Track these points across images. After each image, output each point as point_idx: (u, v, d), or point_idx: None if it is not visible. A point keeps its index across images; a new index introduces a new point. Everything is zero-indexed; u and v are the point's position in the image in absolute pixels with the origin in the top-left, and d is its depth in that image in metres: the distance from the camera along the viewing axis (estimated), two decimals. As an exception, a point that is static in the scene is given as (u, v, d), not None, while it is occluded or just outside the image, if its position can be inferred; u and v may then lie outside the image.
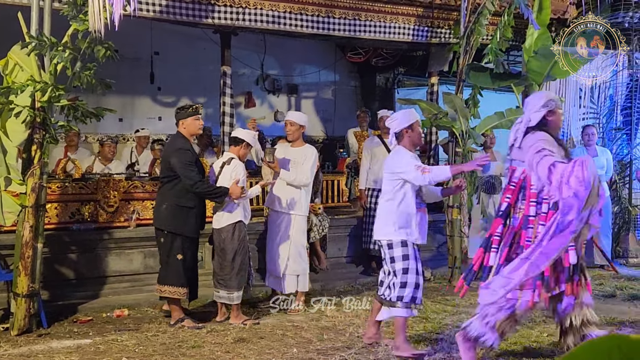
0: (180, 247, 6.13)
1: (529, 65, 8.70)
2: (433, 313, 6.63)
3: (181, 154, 6.08)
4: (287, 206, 6.75)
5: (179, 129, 6.28)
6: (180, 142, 6.19)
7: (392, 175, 5.13)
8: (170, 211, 6.12)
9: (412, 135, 5.22)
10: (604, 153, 8.98)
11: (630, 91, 9.83)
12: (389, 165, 5.18)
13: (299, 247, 6.84)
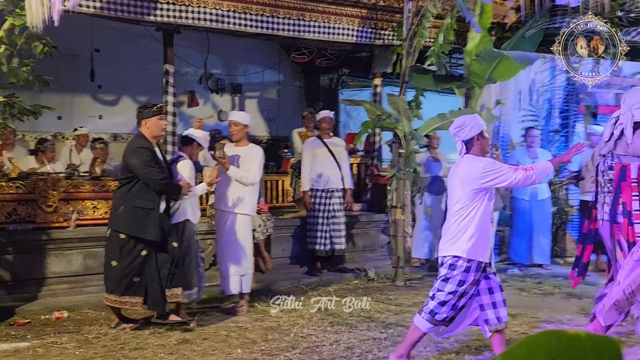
0: (135, 251, 5.92)
1: (471, 68, 8.86)
2: (377, 313, 6.68)
3: (140, 153, 5.85)
4: (233, 205, 6.72)
5: (140, 129, 6.03)
6: (140, 141, 5.94)
7: (473, 186, 4.61)
8: (128, 213, 5.87)
9: (483, 142, 4.79)
10: (544, 155, 9.21)
11: (567, 95, 10.11)
12: (468, 176, 4.64)
13: (244, 247, 6.81)
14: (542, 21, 10.22)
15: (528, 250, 9.16)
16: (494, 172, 4.55)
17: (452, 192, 4.80)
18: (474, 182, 4.58)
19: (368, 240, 9.42)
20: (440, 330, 4.88)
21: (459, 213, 4.65)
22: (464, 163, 4.71)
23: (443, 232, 4.84)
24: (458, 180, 4.69)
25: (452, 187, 4.81)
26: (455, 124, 4.80)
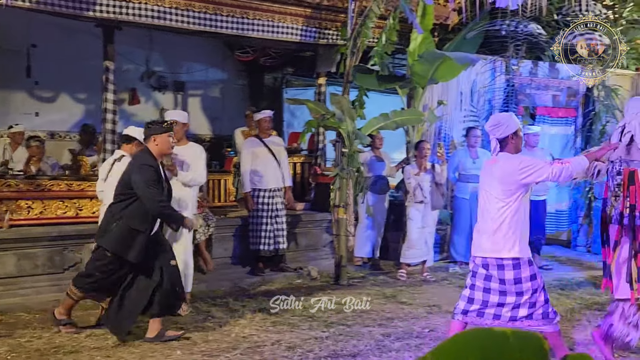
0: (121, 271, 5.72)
1: (413, 68, 8.96)
2: (319, 312, 6.68)
3: (145, 170, 5.54)
4: (176, 205, 6.64)
5: (148, 145, 5.72)
6: (146, 158, 5.63)
7: (513, 183, 4.67)
8: (119, 231, 5.58)
9: (517, 141, 4.86)
10: (484, 155, 9.35)
11: (507, 96, 10.30)
12: (507, 174, 4.69)
13: (185, 247, 6.73)
14: (483, 23, 10.41)
15: (468, 249, 9.26)
16: (531, 168, 4.64)
17: (488, 190, 4.82)
18: (513, 180, 4.65)
19: (311, 239, 9.42)
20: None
21: (501, 212, 4.70)
22: (501, 162, 4.76)
23: (482, 230, 4.86)
24: (497, 179, 4.74)
25: (488, 185, 4.83)
26: (491, 123, 4.89)
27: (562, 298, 7.30)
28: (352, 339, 5.79)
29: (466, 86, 10.13)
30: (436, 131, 9.95)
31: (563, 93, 10.87)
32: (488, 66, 10.25)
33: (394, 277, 8.54)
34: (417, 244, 8.55)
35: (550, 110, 10.84)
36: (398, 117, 8.61)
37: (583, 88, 11.02)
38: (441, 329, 6.09)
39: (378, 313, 6.69)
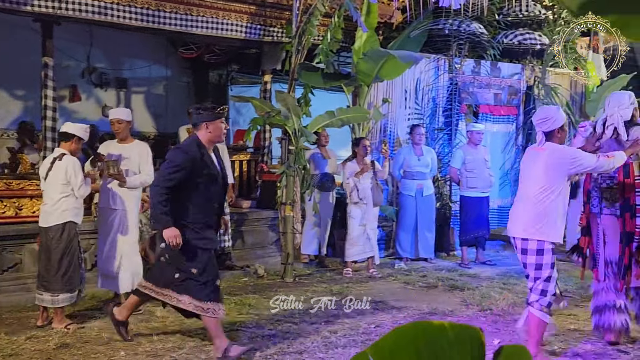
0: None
1: (358, 66, 9.03)
2: (265, 310, 6.68)
3: (173, 154, 5.13)
4: (123, 203, 6.54)
5: (198, 132, 5.20)
6: (188, 145, 5.17)
7: (563, 172, 4.90)
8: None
9: (562, 135, 5.03)
10: (429, 152, 9.50)
11: (450, 94, 10.47)
12: (558, 164, 4.89)
13: (133, 244, 6.65)
14: (426, 22, 10.56)
15: (413, 245, 9.42)
16: (581, 159, 4.87)
17: (531, 177, 4.98)
18: (563, 169, 4.87)
19: (257, 237, 9.39)
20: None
21: (541, 197, 4.88)
22: (549, 151, 4.90)
23: (519, 213, 5.06)
24: (543, 167, 4.88)
25: (532, 172, 4.98)
26: (540, 116, 5.05)
27: (505, 292, 7.46)
28: (299, 336, 5.80)
29: (410, 84, 10.26)
30: (381, 128, 10.04)
31: (504, 91, 11.11)
32: (432, 65, 10.39)
33: (340, 274, 8.59)
34: (359, 241, 8.62)
35: (493, 108, 11.06)
36: (344, 115, 8.67)
37: (524, 87, 11.29)
38: (387, 325, 6.16)
39: (324, 310, 6.71)
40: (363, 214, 8.60)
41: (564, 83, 11.74)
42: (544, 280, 4.93)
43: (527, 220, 4.94)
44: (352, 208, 8.61)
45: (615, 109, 5.35)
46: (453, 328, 1.08)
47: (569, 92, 11.77)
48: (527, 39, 11.28)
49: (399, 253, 9.49)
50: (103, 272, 6.70)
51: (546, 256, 4.90)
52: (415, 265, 9.18)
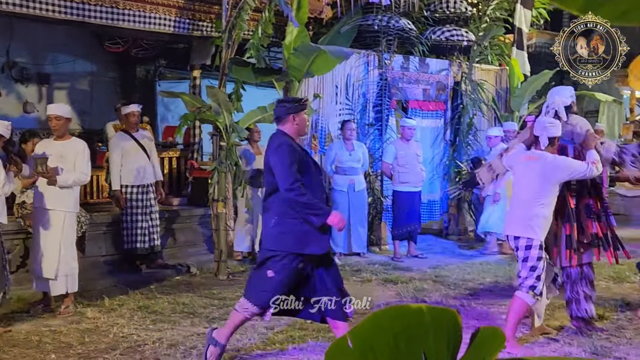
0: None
1: (289, 61, 9.02)
2: (200, 308, 6.63)
3: (282, 150, 4.85)
4: (58, 203, 6.35)
5: (284, 126, 5.00)
6: (284, 139, 4.93)
7: (556, 180, 5.31)
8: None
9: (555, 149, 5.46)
10: (360, 147, 9.59)
11: (380, 89, 10.59)
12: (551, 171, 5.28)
13: (69, 245, 6.47)
14: (356, 18, 10.64)
15: (347, 240, 9.50)
16: (573, 168, 5.30)
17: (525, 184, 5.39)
18: (557, 177, 5.28)
19: (189, 235, 9.30)
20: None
21: (533, 202, 5.29)
22: (543, 162, 5.29)
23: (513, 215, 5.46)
24: (538, 176, 5.28)
25: (526, 179, 5.39)
26: (549, 121, 5.44)
27: (438, 285, 7.62)
28: (235, 333, 5.74)
29: (341, 80, 10.32)
30: (312, 124, 10.07)
31: (433, 87, 11.31)
32: (362, 60, 10.49)
33: (274, 270, 8.58)
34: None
35: (421, 103, 11.25)
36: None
37: (451, 82, 11.53)
38: (323, 319, 6.19)
39: (260, 306, 6.70)
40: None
41: (490, 79, 12.05)
42: (530, 270, 5.27)
43: (519, 221, 5.35)
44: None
45: (556, 97, 5.77)
46: (430, 311, 1.11)
47: (494, 87, 12.07)
48: (454, 36, 11.51)
49: (332, 248, 9.52)
50: (37, 274, 6.49)
51: (533, 251, 5.26)
52: (348, 260, 9.26)
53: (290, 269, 4.80)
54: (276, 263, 4.80)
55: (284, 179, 4.76)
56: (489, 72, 12.11)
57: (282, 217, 4.83)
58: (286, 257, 4.80)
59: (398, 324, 1.10)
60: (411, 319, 1.10)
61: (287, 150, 4.83)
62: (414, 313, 1.10)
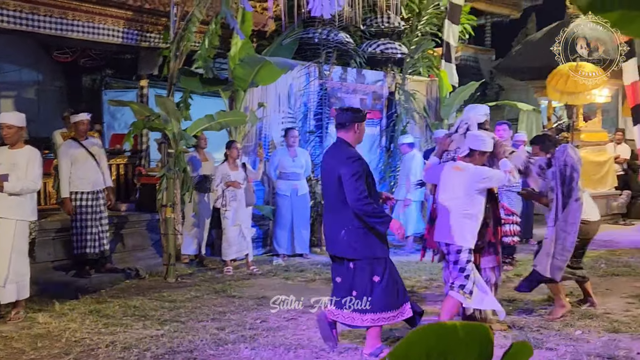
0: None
1: (235, 72, 8.92)
2: (151, 310, 6.44)
3: (353, 162, 4.83)
4: (8, 211, 6.06)
5: (346, 134, 4.95)
6: (353, 151, 4.93)
7: (477, 189, 5.34)
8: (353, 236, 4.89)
9: (482, 159, 5.49)
10: (302, 154, 9.54)
11: (320, 99, 10.58)
12: (471, 180, 5.32)
13: (21, 253, 6.18)
14: (298, 31, 10.62)
15: (290, 242, 9.43)
16: (492, 177, 5.40)
17: (450, 193, 5.39)
18: (478, 186, 5.33)
19: (138, 239, 9.05)
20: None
21: (459, 210, 5.32)
22: (466, 173, 5.34)
23: (443, 223, 5.43)
24: (462, 187, 5.31)
25: (451, 188, 5.39)
26: (478, 135, 5.51)
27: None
28: (187, 334, 5.63)
29: (284, 90, 10.26)
30: (257, 132, 9.98)
31: (369, 97, 11.37)
32: (303, 71, 10.45)
33: (221, 272, 8.45)
34: (235, 241, 8.53)
35: (359, 112, 11.27)
36: (222, 119, 8.54)
37: (386, 92, 11.61)
38: (272, 320, 6.11)
39: (210, 308, 6.57)
40: (236, 214, 8.51)
41: (421, 89, 12.20)
42: (459, 271, 5.32)
43: (449, 228, 5.37)
44: (225, 210, 8.50)
45: (471, 114, 5.90)
46: (463, 327, 1.07)
47: (425, 97, 12.23)
48: (388, 49, 11.61)
49: (276, 250, 9.46)
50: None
51: (462, 255, 5.32)
52: (292, 261, 9.20)
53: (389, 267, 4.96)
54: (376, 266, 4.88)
55: (353, 190, 4.73)
56: (421, 82, 12.26)
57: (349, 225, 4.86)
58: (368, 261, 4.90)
59: (432, 341, 1.06)
60: (445, 336, 1.06)
61: (358, 162, 4.83)
62: (448, 329, 1.06)
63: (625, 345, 5.16)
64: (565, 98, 12.73)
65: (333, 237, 5.01)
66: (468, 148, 5.48)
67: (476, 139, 5.50)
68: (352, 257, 4.90)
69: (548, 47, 13.75)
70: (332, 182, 4.92)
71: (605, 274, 8.02)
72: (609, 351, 4.99)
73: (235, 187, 8.45)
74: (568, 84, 12.42)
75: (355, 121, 4.96)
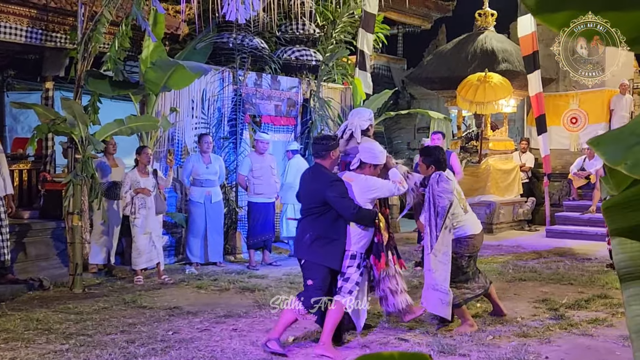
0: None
1: (146, 75, 8.67)
2: (56, 323, 6.13)
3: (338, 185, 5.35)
4: None
5: (323, 161, 5.48)
6: (333, 175, 5.49)
7: (367, 198, 5.40)
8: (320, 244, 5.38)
9: (374, 171, 5.51)
10: (216, 160, 9.39)
11: (235, 104, 10.45)
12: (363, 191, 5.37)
13: None
14: (212, 35, 10.46)
15: (203, 250, 9.25)
16: (380, 188, 5.44)
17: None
18: (369, 195, 5.40)
19: (41, 248, 8.61)
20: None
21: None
22: (357, 183, 5.38)
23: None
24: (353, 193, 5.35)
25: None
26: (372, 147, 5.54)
27: (294, 291, 7.56)
28: (95, 348, 5.39)
29: (197, 94, 10.07)
30: (169, 137, 9.74)
31: (284, 103, 11.33)
32: (217, 76, 10.30)
33: (131, 282, 8.17)
34: (145, 249, 8.29)
35: (273, 118, 11.23)
36: (133, 123, 8.28)
37: (301, 99, 11.61)
38: (185, 331, 5.95)
39: (119, 319, 6.32)
40: (146, 222, 8.28)
41: (336, 96, 12.27)
42: (344, 280, 5.32)
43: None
44: (135, 217, 8.26)
45: (355, 119, 5.86)
46: (401, 357, 1.03)
47: (340, 104, 12.31)
48: (303, 55, 11.61)
49: (189, 258, 9.25)
50: None
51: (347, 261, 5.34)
52: (205, 269, 9.01)
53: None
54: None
55: (347, 208, 5.26)
56: (335, 90, 12.34)
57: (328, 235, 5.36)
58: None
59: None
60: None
61: (340, 183, 5.35)
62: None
63: (534, 350, 5.32)
64: (474, 107, 13.11)
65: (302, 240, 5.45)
66: (359, 159, 5.50)
67: (368, 152, 5.51)
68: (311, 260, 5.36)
69: (458, 58, 14.17)
70: (315, 200, 5.39)
71: (513, 279, 8.27)
72: (518, 356, 5.13)
73: (145, 194, 8.22)
74: (477, 94, 12.82)
75: (330, 150, 5.47)
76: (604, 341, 5.60)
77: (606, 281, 7.94)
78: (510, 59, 13.77)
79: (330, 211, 5.33)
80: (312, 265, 5.34)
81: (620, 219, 1.57)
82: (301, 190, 5.65)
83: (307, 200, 5.53)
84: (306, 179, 5.64)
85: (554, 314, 6.43)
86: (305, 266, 5.40)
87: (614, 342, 5.56)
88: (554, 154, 13.98)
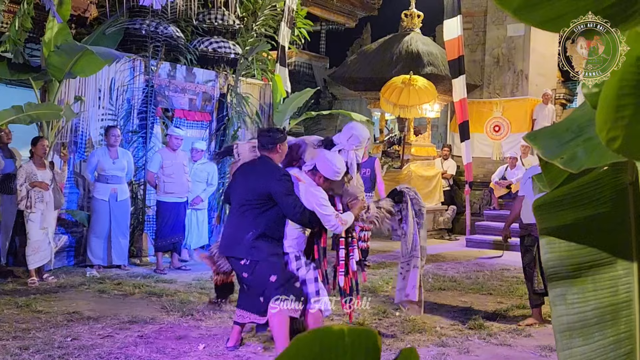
0: None
1: (50, 59, 8.42)
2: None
3: (286, 181, 5.33)
4: None
5: (272, 154, 5.44)
6: (282, 170, 5.44)
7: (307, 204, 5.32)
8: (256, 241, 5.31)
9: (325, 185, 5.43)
10: (125, 155, 9.20)
11: (146, 96, 10.27)
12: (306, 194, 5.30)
13: None
14: (124, 20, 10.25)
15: (106, 251, 9.04)
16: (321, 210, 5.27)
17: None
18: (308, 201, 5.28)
19: None
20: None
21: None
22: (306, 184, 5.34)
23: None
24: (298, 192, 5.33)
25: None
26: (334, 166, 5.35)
27: (204, 297, 7.51)
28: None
29: (105, 83, 9.85)
30: (72, 128, 9.48)
31: (199, 97, 11.23)
32: (127, 65, 10.10)
33: (24, 284, 7.90)
34: (42, 246, 8.07)
35: (187, 113, 11.11)
36: (33, 111, 8.02)
37: (217, 94, 11.54)
38: (85, 337, 5.80)
39: (11, 324, 6.10)
40: (43, 217, 8.05)
41: (255, 93, 12.27)
42: (303, 285, 5.35)
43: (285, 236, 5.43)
44: (30, 212, 8.01)
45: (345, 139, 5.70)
46: (351, 333, 1.07)
47: (258, 102, 12.31)
48: (221, 47, 11.55)
49: (90, 260, 9.02)
50: None
51: (294, 263, 5.40)
52: (108, 272, 8.81)
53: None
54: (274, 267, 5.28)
55: (292, 206, 5.23)
56: (254, 86, 12.33)
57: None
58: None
59: (317, 347, 1.05)
60: (330, 341, 1.05)
61: (287, 178, 5.33)
62: (334, 335, 1.06)
63: (453, 359, 5.51)
64: (397, 110, 13.41)
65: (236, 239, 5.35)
66: (314, 165, 5.45)
67: (325, 164, 5.38)
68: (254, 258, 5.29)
69: (383, 59, 14.46)
70: (257, 194, 5.30)
71: (433, 289, 8.51)
72: (437, 364, 5.30)
73: (43, 187, 7.99)
74: (401, 97, 13.12)
75: (277, 143, 5.45)
76: (522, 351, 5.85)
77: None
78: (435, 63, 14.16)
79: (274, 208, 5.27)
80: (264, 263, 5.23)
81: (550, 218, 1.67)
82: (237, 184, 5.51)
83: (246, 193, 5.39)
84: (246, 171, 5.52)
85: (473, 323, 6.66)
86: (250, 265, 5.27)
87: (532, 352, 5.82)
88: (476, 162, 14.46)
